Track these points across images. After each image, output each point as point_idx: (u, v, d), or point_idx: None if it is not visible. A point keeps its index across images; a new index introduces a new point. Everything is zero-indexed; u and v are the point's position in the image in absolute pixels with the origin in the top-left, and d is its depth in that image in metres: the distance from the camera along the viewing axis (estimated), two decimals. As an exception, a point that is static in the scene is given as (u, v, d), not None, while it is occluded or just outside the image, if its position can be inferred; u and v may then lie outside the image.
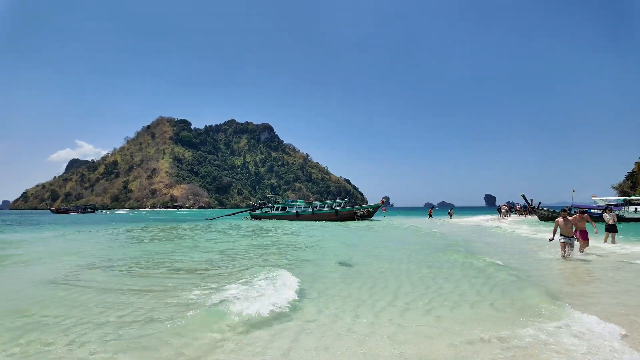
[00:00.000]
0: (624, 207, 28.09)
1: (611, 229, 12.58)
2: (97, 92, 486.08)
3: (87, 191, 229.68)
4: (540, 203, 34.60)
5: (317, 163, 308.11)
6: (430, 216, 39.51)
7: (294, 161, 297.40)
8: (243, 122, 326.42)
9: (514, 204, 46.72)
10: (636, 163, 54.13)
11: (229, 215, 45.64)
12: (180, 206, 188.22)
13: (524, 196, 33.10)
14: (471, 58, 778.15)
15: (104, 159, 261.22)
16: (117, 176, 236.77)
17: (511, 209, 42.09)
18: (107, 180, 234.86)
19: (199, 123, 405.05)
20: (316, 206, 35.37)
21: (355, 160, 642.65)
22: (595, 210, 24.19)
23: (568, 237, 9.18)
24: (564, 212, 9.42)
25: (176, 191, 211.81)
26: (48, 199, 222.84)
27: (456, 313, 4.86)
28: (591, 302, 5.36)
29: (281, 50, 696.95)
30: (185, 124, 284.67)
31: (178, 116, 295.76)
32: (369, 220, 32.70)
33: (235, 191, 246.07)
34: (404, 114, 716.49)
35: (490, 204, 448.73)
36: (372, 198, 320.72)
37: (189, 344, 3.76)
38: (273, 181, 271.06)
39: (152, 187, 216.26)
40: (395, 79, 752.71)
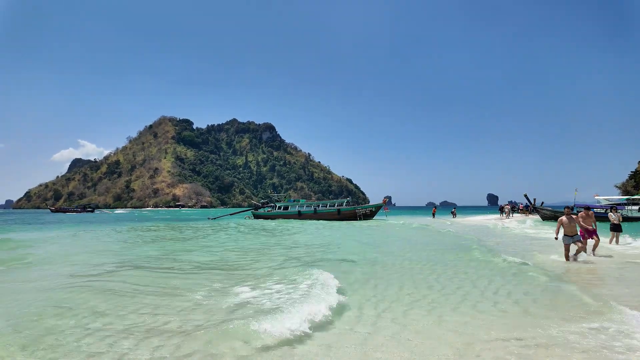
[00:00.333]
0: (626, 206, 28.04)
1: (616, 228, 12.33)
2: (100, 92, 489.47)
3: (89, 190, 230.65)
4: (543, 203, 34.56)
5: (319, 162, 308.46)
6: (434, 215, 39.45)
7: (296, 160, 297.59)
8: (245, 122, 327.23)
9: (516, 204, 46.64)
10: (639, 162, 53.88)
11: (231, 215, 45.74)
12: (183, 205, 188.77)
13: (526, 196, 33.08)
14: (472, 57, 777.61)
15: (106, 158, 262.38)
16: (119, 176, 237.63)
17: (513, 208, 42.03)
18: (109, 180, 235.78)
19: (201, 122, 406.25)
20: (318, 205, 35.32)
21: (357, 159, 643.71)
22: (598, 210, 24.08)
23: (571, 236, 8.88)
24: (567, 209, 9.08)
25: (178, 190, 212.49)
26: (51, 198, 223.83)
27: (517, 315, 4.71)
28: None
29: (283, 50, 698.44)
30: (187, 123, 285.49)
31: (180, 116, 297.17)
32: (371, 219, 32.62)
33: (237, 190, 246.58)
34: (405, 113, 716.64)
35: (492, 203, 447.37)
36: (374, 197, 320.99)
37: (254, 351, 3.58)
38: (275, 180, 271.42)
39: (154, 187, 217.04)
40: (397, 78, 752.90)
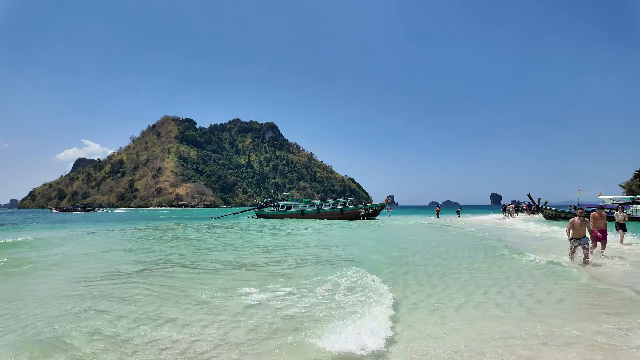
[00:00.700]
0: (631, 205, 27.93)
1: (621, 227, 12.32)
2: (103, 92, 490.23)
3: (93, 190, 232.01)
4: (547, 202, 34.47)
5: (322, 162, 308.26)
6: (438, 215, 39.37)
7: (299, 160, 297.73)
8: (248, 121, 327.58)
9: (520, 203, 46.49)
10: (645, 161, 53.56)
11: (234, 214, 45.94)
12: (186, 205, 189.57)
13: (529, 196, 33.06)
14: (474, 57, 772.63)
15: (110, 158, 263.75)
16: (123, 175, 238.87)
17: (517, 208, 41.93)
18: (113, 179, 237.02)
19: (203, 122, 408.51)
20: (321, 205, 35.35)
21: (359, 159, 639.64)
22: (606, 210, 23.95)
23: (578, 239, 8.59)
24: (581, 210, 8.78)
25: (181, 190, 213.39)
26: (55, 197, 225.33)
27: (568, 314, 4.69)
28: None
29: (286, 49, 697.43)
30: (190, 123, 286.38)
31: (183, 115, 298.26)
32: (374, 219, 32.63)
33: (240, 190, 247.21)
34: (408, 112, 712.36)
35: (496, 202, 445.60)
36: (376, 197, 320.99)
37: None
38: (278, 180, 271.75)
39: (157, 186, 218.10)
40: (401, 77, 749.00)
